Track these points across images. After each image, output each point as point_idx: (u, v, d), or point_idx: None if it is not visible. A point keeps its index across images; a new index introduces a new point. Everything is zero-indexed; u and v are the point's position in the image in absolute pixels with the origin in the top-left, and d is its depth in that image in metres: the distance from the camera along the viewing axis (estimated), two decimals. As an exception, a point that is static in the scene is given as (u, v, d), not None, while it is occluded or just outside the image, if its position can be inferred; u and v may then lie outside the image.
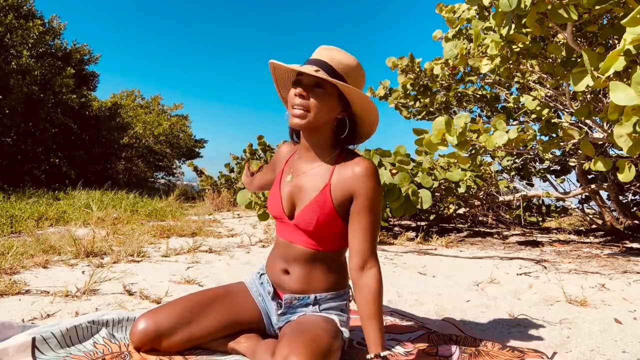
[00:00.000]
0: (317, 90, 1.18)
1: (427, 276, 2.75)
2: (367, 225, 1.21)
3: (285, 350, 1.07)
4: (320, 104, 1.18)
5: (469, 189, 4.27)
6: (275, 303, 1.36)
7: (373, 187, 1.22)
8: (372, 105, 1.23)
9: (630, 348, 1.57)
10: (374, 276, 1.19)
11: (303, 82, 1.19)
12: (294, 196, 1.30)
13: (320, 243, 1.28)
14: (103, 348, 1.29)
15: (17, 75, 8.46)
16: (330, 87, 1.19)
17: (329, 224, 1.24)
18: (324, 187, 1.24)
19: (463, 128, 2.54)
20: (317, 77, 1.17)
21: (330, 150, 1.29)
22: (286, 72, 1.29)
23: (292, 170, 1.33)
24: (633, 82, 1.53)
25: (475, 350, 1.43)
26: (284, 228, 1.33)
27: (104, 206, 5.81)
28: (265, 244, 3.93)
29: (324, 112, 1.20)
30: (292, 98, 1.20)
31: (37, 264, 2.52)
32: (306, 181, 1.28)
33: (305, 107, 1.18)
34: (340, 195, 1.23)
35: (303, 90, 1.18)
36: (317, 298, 1.31)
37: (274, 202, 1.34)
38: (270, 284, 1.38)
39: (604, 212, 4.65)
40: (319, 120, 1.21)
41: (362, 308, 1.18)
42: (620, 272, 2.88)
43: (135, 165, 15.25)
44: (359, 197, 1.21)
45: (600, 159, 2.56)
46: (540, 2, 1.98)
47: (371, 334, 1.16)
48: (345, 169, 1.24)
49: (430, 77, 3.90)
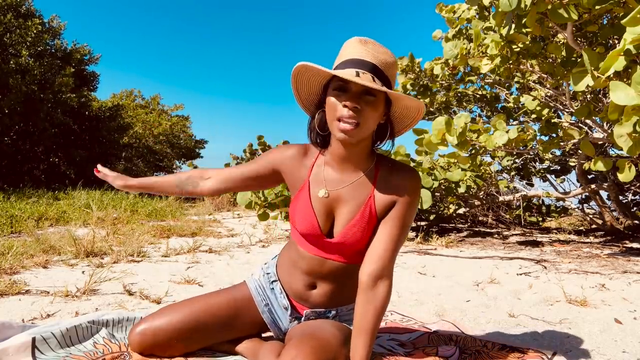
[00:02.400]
0: (367, 99, 1.05)
1: (427, 276, 2.75)
2: (396, 234, 1.14)
3: (293, 352, 1.04)
4: (373, 113, 1.07)
5: (469, 189, 4.27)
6: (291, 317, 1.29)
7: (415, 199, 1.16)
8: (422, 106, 1.12)
9: (630, 348, 1.57)
10: (385, 289, 1.11)
11: (351, 90, 1.05)
12: (334, 212, 1.19)
13: (357, 257, 1.20)
14: (103, 348, 1.29)
15: (16, 74, 8.46)
16: (380, 93, 1.07)
17: (371, 236, 1.17)
18: (367, 200, 1.16)
19: (463, 128, 2.54)
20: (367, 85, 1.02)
21: (369, 158, 1.19)
22: (314, 75, 1.13)
23: (326, 183, 1.20)
24: (633, 82, 1.53)
25: (475, 351, 1.43)
26: (315, 245, 1.22)
27: (104, 206, 5.81)
28: (265, 244, 3.93)
29: (374, 122, 1.10)
30: (338, 109, 1.05)
31: (37, 264, 2.52)
32: (347, 196, 1.17)
33: (356, 119, 1.04)
34: (384, 206, 1.16)
35: (355, 101, 1.04)
36: (338, 312, 1.26)
37: (306, 220, 1.19)
38: (286, 297, 1.29)
39: (604, 212, 4.65)
40: (370, 131, 1.11)
41: (361, 318, 1.10)
42: (620, 272, 2.88)
43: (135, 165, 15.26)
44: (398, 206, 1.15)
45: (600, 159, 2.56)
46: (540, 2, 1.98)
47: (360, 349, 1.08)
48: (389, 178, 1.17)
49: (430, 77, 3.90)
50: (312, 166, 1.23)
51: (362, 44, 1.09)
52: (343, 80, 1.06)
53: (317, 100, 1.19)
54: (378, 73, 1.06)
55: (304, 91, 1.18)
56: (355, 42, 1.11)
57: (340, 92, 1.06)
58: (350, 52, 1.10)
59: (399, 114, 1.16)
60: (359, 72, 1.04)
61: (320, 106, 1.17)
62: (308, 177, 1.22)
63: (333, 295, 1.24)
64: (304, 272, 1.24)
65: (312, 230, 1.19)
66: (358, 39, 1.11)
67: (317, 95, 1.18)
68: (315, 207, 1.19)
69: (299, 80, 1.15)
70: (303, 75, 1.13)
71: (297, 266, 1.25)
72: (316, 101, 1.19)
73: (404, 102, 1.11)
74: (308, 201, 1.20)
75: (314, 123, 1.18)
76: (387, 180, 1.17)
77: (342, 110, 1.04)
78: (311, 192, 1.21)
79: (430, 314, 1.93)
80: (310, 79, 1.15)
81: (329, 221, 1.20)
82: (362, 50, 1.08)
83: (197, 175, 1.35)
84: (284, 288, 1.30)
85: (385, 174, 1.17)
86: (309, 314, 1.26)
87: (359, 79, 1.01)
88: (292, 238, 1.29)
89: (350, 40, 1.13)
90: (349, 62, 1.07)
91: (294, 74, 1.13)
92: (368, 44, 1.10)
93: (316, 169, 1.22)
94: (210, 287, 2.25)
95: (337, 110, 1.06)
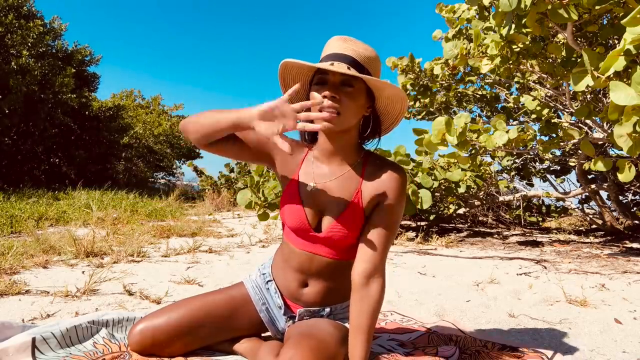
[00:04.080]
0: (346, 89, 1.10)
1: (427, 276, 2.75)
2: (385, 233, 1.15)
3: (290, 352, 1.04)
4: (352, 103, 1.10)
5: (469, 189, 4.27)
6: (286, 317, 1.30)
7: (403, 196, 1.17)
8: (404, 95, 1.14)
9: (630, 348, 1.57)
10: (379, 287, 1.13)
11: (329, 81, 1.10)
12: (321, 206, 1.20)
13: (346, 253, 1.21)
14: (103, 348, 1.29)
15: (17, 75, 8.46)
16: (358, 84, 1.11)
17: (359, 232, 1.18)
18: (355, 195, 1.17)
19: (463, 128, 2.54)
20: (345, 74, 1.08)
21: (356, 152, 1.21)
22: (300, 71, 1.18)
23: (314, 177, 1.22)
24: (633, 82, 1.53)
25: (475, 351, 1.43)
26: (304, 240, 1.23)
27: (104, 206, 5.81)
28: (265, 244, 3.93)
29: (355, 112, 1.13)
30: (318, 100, 1.10)
31: (37, 264, 2.52)
32: (334, 189, 1.19)
33: (336, 109, 1.08)
34: (371, 201, 1.17)
35: (333, 91, 1.08)
36: (332, 310, 1.27)
37: (294, 214, 1.21)
38: (280, 296, 1.30)
39: (604, 212, 4.65)
40: (351, 122, 1.13)
41: (356, 318, 1.11)
42: (620, 272, 2.88)
43: (135, 166, 15.26)
44: (385, 204, 1.16)
45: (600, 159, 2.56)
46: (540, 2, 1.98)
47: (357, 349, 1.08)
48: (377, 173, 1.18)
49: (430, 77, 3.90)
50: (301, 161, 1.26)
51: (342, 41, 1.15)
52: (322, 72, 1.11)
53: (305, 99, 1.22)
54: (355, 64, 1.10)
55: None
56: (336, 40, 1.16)
57: (320, 84, 1.11)
58: (331, 48, 1.15)
59: (384, 107, 1.20)
60: (334, 63, 1.09)
61: None
62: (297, 172, 1.25)
63: (325, 294, 1.25)
64: (295, 269, 1.25)
65: (300, 225, 1.20)
66: (339, 37, 1.16)
67: (305, 93, 1.23)
68: (304, 201, 1.21)
69: (286, 79, 1.20)
70: (289, 73, 1.19)
71: (289, 264, 1.27)
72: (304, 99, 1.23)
73: (386, 93, 1.14)
74: (297, 195, 1.22)
75: None
76: (375, 175, 1.18)
77: (323, 101, 1.09)
78: (300, 186, 1.23)
79: (430, 314, 1.93)
80: (295, 77, 1.20)
81: (317, 215, 1.21)
82: (341, 45, 1.14)
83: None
84: (278, 287, 1.31)
85: (373, 169, 1.19)
86: (302, 313, 1.27)
87: (333, 67, 1.06)
88: (284, 235, 1.31)
89: (332, 39, 1.17)
90: (328, 57, 1.13)
91: (280, 72, 1.18)
92: (347, 41, 1.14)
93: (306, 164, 1.25)
94: (210, 287, 2.25)
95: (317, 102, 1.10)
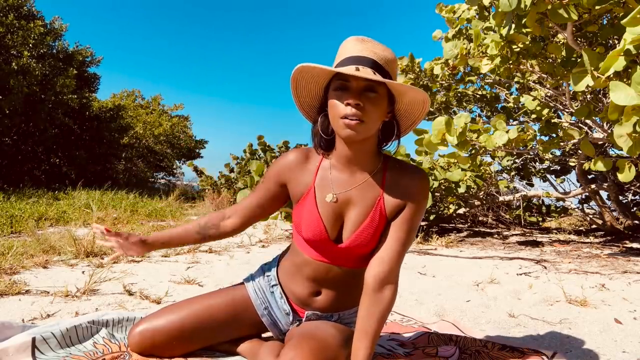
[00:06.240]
0: (369, 95, 1.03)
1: (427, 276, 2.75)
2: (404, 237, 1.12)
3: (291, 353, 1.03)
4: (375, 109, 1.04)
5: (469, 189, 4.27)
6: (292, 320, 1.28)
7: (424, 201, 1.14)
8: (427, 98, 1.07)
9: (630, 348, 1.57)
10: (391, 293, 1.10)
11: (352, 87, 1.03)
12: (341, 217, 1.16)
13: (364, 261, 1.16)
14: (103, 348, 1.29)
15: (17, 75, 8.45)
16: (381, 89, 1.05)
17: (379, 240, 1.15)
18: (376, 203, 1.13)
19: (463, 128, 2.54)
20: (368, 80, 1.02)
21: (376, 158, 1.16)
22: (314, 76, 1.10)
23: (333, 186, 1.16)
24: (633, 82, 1.53)
25: (475, 351, 1.43)
26: (322, 250, 1.18)
27: (104, 206, 5.81)
28: (265, 244, 3.93)
29: (378, 119, 1.07)
30: (341, 108, 1.03)
31: (37, 264, 2.52)
32: (354, 198, 1.14)
33: (360, 116, 1.02)
34: (394, 208, 1.13)
35: (357, 98, 1.02)
36: (340, 315, 1.25)
37: (312, 225, 1.16)
38: (287, 302, 1.27)
39: (604, 212, 4.65)
40: (373, 129, 1.08)
41: (364, 321, 1.08)
42: (620, 272, 2.87)
43: (135, 166, 15.26)
44: (407, 208, 1.13)
45: (600, 159, 2.56)
46: (540, 2, 1.98)
47: (361, 352, 1.06)
48: (398, 179, 1.14)
49: (430, 77, 3.90)
50: (316, 170, 1.19)
51: (360, 42, 1.08)
52: (343, 78, 1.04)
53: (318, 105, 1.17)
54: (378, 68, 1.04)
55: (303, 95, 1.15)
56: (353, 41, 1.09)
57: (342, 91, 1.04)
58: (349, 50, 1.08)
59: (404, 110, 1.13)
60: (359, 68, 1.02)
61: (322, 110, 1.15)
62: (313, 181, 1.18)
63: (337, 301, 1.23)
64: (309, 278, 1.21)
65: (319, 237, 1.16)
66: (356, 37, 1.10)
67: (318, 99, 1.16)
68: (322, 213, 1.15)
69: (299, 84, 1.12)
70: (302, 78, 1.11)
71: (302, 272, 1.22)
72: (317, 105, 1.17)
73: (408, 96, 1.09)
74: (314, 206, 1.16)
75: (317, 127, 1.16)
76: (396, 181, 1.14)
77: (346, 109, 1.02)
78: (317, 196, 1.17)
79: (430, 314, 1.93)
80: (309, 82, 1.12)
81: (337, 226, 1.16)
82: (360, 47, 1.07)
83: (216, 217, 1.34)
84: (284, 293, 1.28)
85: (394, 175, 1.15)
86: (310, 315, 1.25)
87: (359, 72, 0.99)
88: (295, 243, 1.25)
89: (348, 39, 1.11)
90: (348, 60, 1.06)
91: (294, 77, 1.10)
92: (366, 42, 1.08)
93: (322, 172, 1.18)
94: (210, 287, 2.25)
95: (340, 110, 1.04)
